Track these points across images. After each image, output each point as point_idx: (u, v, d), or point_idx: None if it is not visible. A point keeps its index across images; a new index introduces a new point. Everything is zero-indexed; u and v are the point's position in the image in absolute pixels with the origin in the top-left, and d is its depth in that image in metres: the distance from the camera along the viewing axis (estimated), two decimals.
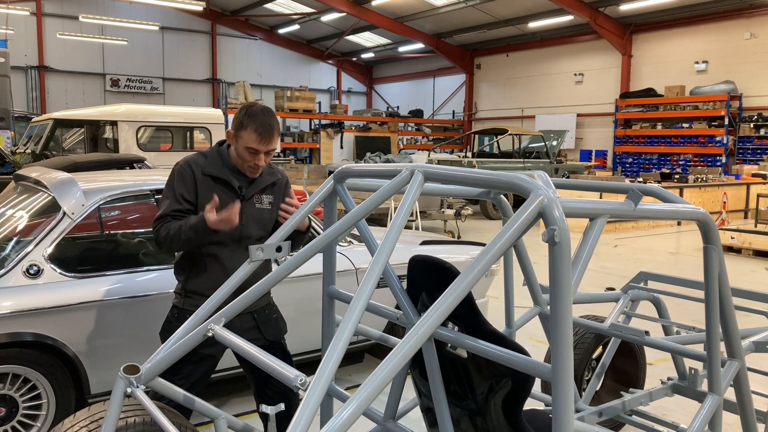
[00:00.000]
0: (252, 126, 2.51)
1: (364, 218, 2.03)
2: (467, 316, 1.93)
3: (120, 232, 4.18)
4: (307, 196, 10.02)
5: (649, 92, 21.07)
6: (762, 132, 18.78)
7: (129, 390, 1.93)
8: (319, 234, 3.88)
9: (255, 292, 2.02)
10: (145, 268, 3.48)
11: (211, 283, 2.62)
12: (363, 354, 4.67)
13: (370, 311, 2.20)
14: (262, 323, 2.75)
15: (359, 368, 4.56)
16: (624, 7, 20.44)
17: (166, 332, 2.68)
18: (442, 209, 11.35)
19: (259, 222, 2.72)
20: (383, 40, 29.44)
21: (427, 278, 2.07)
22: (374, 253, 1.93)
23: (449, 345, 2.01)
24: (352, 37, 29.16)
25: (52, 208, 3.37)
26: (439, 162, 15.30)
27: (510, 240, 1.52)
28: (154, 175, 3.85)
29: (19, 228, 3.44)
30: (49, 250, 3.21)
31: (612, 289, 3.35)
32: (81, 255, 3.96)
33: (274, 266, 3.10)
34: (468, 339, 1.81)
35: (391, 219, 10.80)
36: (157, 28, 24.30)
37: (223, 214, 2.41)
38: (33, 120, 10.47)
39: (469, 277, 1.50)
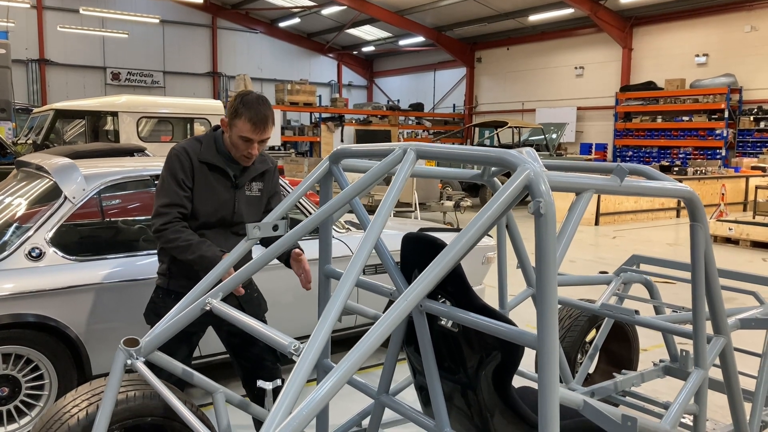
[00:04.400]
0: (246, 115, 2.51)
1: (358, 196, 2.08)
2: (458, 291, 1.98)
3: (121, 216, 4.24)
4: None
5: (650, 85, 21.07)
6: (762, 125, 18.79)
7: (129, 362, 1.99)
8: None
9: (253, 266, 2.07)
10: (145, 252, 3.53)
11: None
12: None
13: (363, 287, 2.25)
14: (245, 303, 2.81)
15: None
16: (624, 0, 20.42)
17: (151, 312, 2.73)
18: (442, 201, 11.40)
19: (250, 208, 2.78)
20: (384, 34, 29.41)
21: (419, 255, 2.12)
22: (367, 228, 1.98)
23: (443, 321, 2.06)
24: (352, 31, 29.13)
25: (53, 193, 3.42)
26: None
27: (497, 211, 1.57)
28: (155, 161, 3.90)
29: (22, 212, 3.50)
30: (51, 233, 3.26)
31: (605, 272, 3.40)
32: (82, 238, 4.02)
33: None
34: (458, 312, 1.86)
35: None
36: (157, 21, 24.31)
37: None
38: (34, 111, 10.51)
39: (457, 247, 1.55)
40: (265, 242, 2.73)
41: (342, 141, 23.29)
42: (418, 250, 2.12)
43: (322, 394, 1.38)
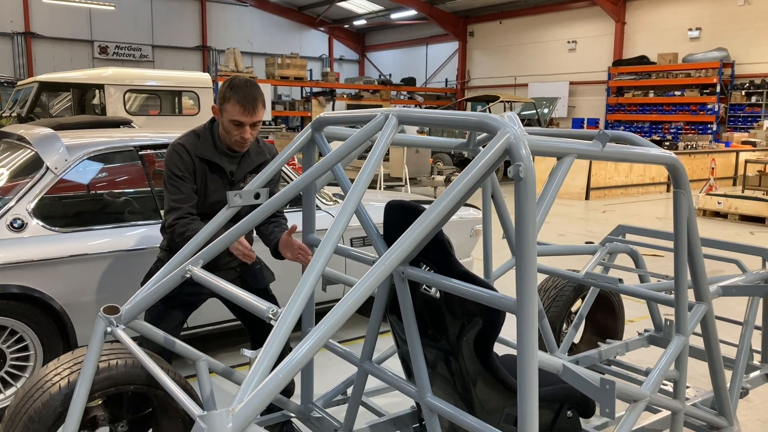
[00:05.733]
0: (235, 98, 2.52)
1: (339, 162, 2.06)
2: (440, 257, 1.98)
3: (105, 187, 4.21)
4: (296, 162, 10.00)
5: (642, 60, 20.97)
6: (753, 99, 18.77)
7: (109, 329, 1.98)
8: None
9: (234, 233, 2.05)
10: (130, 224, 3.51)
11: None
12: None
13: (344, 255, 2.24)
14: (247, 275, 2.83)
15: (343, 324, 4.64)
16: None
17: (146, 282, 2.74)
18: (433, 176, 11.38)
19: None
20: (375, 7, 29.02)
21: (402, 222, 2.10)
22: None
23: (431, 291, 2.05)
24: (343, 4, 28.73)
25: (35, 164, 3.38)
26: None
27: (477, 175, 1.55)
28: (139, 133, 3.85)
29: (3, 183, 3.46)
30: (33, 204, 3.22)
31: (591, 243, 3.41)
32: (65, 209, 3.99)
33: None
34: (440, 278, 1.86)
35: (378, 186, 10.81)
36: None
37: (242, 251, 2.43)
38: (19, 83, 10.35)
39: (437, 211, 1.53)
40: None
41: None
42: (401, 218, 2.11)
43: (299, 357, 1.38)
